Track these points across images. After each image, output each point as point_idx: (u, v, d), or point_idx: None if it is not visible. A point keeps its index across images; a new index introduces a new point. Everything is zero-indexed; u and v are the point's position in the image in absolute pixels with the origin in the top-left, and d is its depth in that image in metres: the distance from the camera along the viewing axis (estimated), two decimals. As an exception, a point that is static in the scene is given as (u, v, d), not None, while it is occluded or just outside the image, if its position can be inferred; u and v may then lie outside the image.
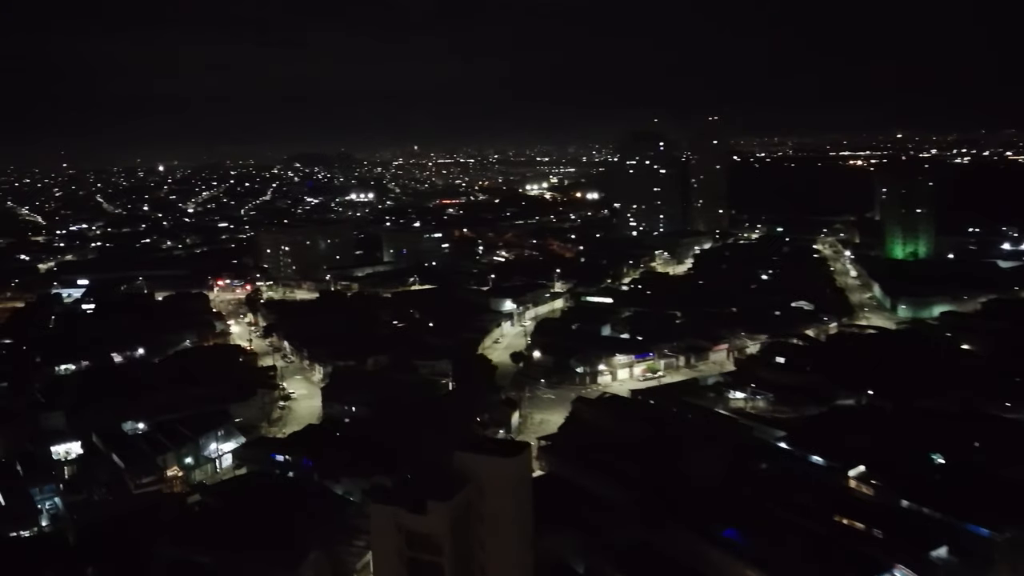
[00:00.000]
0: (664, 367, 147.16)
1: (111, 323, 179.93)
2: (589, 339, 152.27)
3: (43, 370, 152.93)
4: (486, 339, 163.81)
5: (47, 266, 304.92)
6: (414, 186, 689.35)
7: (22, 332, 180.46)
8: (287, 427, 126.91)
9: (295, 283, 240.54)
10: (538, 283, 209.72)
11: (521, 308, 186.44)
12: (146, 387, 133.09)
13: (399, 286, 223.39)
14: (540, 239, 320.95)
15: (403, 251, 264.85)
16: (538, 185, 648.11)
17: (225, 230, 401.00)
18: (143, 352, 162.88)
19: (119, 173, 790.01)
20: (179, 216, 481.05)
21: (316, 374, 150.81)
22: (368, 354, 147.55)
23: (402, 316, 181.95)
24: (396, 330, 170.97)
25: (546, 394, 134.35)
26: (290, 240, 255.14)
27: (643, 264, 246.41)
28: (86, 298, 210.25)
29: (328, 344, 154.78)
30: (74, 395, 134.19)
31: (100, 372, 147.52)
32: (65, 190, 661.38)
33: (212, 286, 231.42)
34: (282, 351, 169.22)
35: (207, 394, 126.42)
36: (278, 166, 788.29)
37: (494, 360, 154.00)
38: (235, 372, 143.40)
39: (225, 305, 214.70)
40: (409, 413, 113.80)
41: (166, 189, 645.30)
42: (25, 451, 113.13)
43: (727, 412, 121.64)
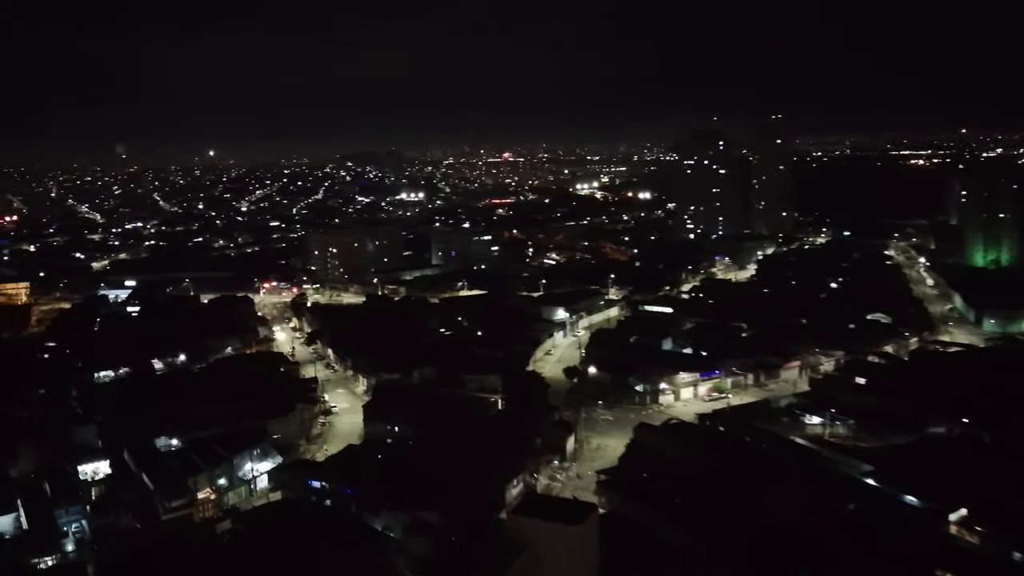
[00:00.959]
0: (731, 386, 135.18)
1: (154, 327, 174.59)
2: (649, 354, 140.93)
3: (83, 377, 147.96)
4: (537, 350, 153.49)
5: (101, 264, 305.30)
6: (464, 185, 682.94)
7: (66, 335, 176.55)
8: (327, 444, 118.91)
9: (342, 286, 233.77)
10: (591, 289, 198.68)
11: (574, 317, 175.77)
12: (184, 399, 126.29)
13: (447, 291, 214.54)
14: (592, 241, 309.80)
15: (452, 253, 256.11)
16: (588, 184, 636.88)
17: (276, 229, 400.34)
18: (184, 359, 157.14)
19: (176, 172, 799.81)
20: (232, 215, 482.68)
21: (360, 385, 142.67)
22: (414, 366, 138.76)
23: (450, 323, 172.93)
24: (443, 339, 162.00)
25: (603, 415, 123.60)
26: (338, 241, 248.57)
27: (703, 270, 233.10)
28: (131, 300, 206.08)
29: (373, 353, 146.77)
30: (110, 406, 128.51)
31: (139, 381, 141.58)
32: (124, 188, 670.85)
33: (258, 288, 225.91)
34: (325, 359, 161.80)
35: (245, 409, 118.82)
36: (331, 165, 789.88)
37: (546, 374, 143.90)
38: (276, 383, 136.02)
39: (270, 309, 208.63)
40: (456, 436, 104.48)
41: (221, 188, 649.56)
42: (54, 467, 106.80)
43: (804, 440, 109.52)
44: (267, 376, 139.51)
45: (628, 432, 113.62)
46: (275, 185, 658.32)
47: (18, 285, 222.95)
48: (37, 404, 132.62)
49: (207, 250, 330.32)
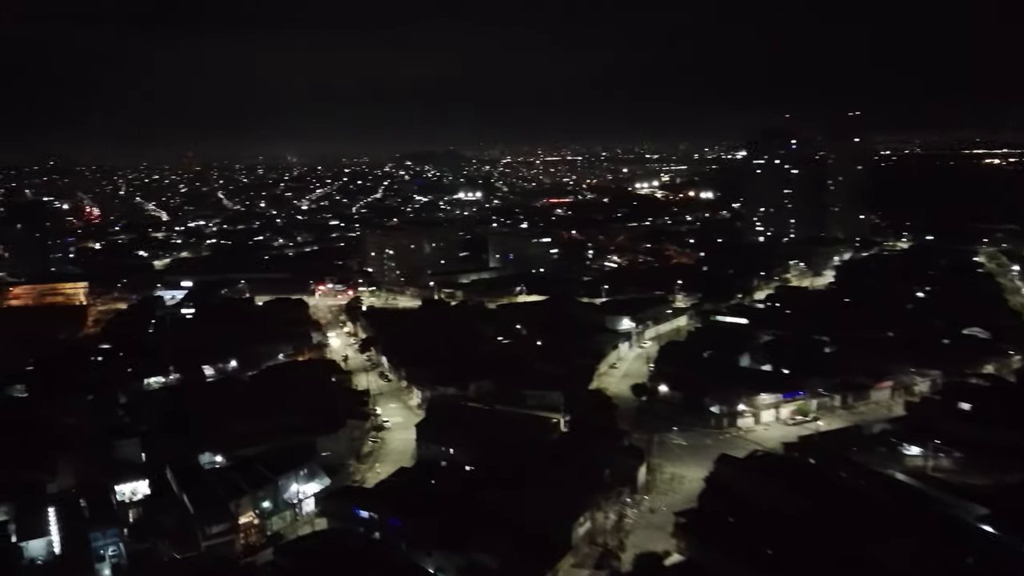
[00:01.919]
0: (816, 408, 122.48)
1: (207, 331, 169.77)
2: (725, 371, 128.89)
3: (132, 382, 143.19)
4: (601, 364, 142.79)
5: (162, 263, 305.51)
6: (521, 184, 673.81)
7: (121, 337, 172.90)
8: (378, 463, 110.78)
9: (398, 289, 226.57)
10: (658, 296, 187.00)
11: (640, 327, 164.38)
12: (231, 410, 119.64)
13: (505, 296, 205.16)
14: (655, 243, 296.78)
15: (509, 256, 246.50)
16: (648, 183, 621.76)
17: (335, 228, 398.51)
18: (235, 365, 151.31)
19: (240, 170, 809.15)
20: (293, 213, 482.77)
21: (414, 398, 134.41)
22: (471, 378, 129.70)
23: (508, 332, 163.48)
24: (501, 349, 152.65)
25: (676, 439, 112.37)
26: (394, 243, 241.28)
27: (776, 276, 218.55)
28: (186, 302, 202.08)
29: (428, 363, 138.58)
30: (156, 416, 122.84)
31: (188, 389, 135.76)
32: (190, 186, 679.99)
33: (314, 290, 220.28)
34: (379, 368, 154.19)
35: (293, 424, 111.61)
36: (390, 164, 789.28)
37: (611, 390, 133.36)
38: (327, 394, 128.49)
39: (325, 312, 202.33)
40: (516, 462, 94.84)
41: (283, 186, 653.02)
42: (94, 483, 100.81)
43: (905, 475, 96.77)
44: (318, 386, 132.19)
45: (704, 460, 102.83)
46: (335, 184, 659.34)
47: (76, 285, 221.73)
48: (84, 411, 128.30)
49: (266, 249, 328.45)
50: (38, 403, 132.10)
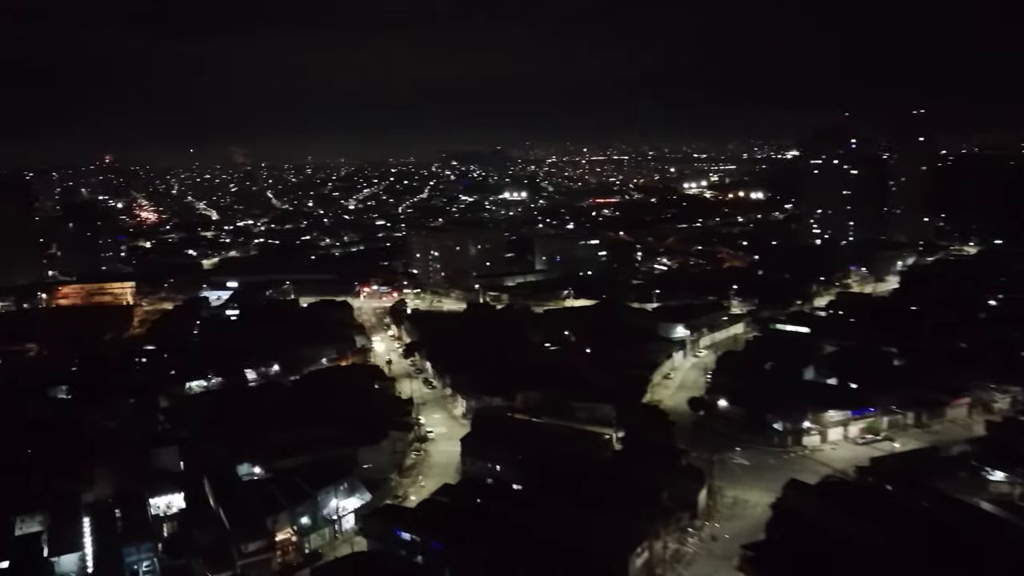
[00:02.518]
0: (887, 426, 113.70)
1: (251, 334, 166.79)
2: (788, 384, 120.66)
3: (174, 386, 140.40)
4: (655, 374, 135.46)
5: (211, 262, 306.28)
6: (567, 184, 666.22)
7: (165, 338, 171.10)
8: (421, 476, 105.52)
9: (443, 291, 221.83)
10: (712, 302, 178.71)
11: (694, 335, 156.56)
12: (271, 418, 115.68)
13: (552, 299, 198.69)
14: (706, 245, 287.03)
15: (556, 258, 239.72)
16: (696, 183, 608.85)
17: (381, 228, 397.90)
18: (278, 369, 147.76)
19: (289, 170, 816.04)
20: (340, 213, 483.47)
21: (458, 407, 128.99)
22: (518, 388, 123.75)
23: (556, 338, 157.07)
24: (549, 357, 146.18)
25: (737, 459, 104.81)
26: (440, 244, 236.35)
27: (836, 282, 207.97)
28: (231, 303, 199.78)
29: (473, 370, 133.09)
30: (196, 422, 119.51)
31: (229, 393, 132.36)
32: (240, 186, 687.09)
33: (359, 292, 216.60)
34: (423, 373, 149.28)
35: (333, 434, 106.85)
36: (436, 164, 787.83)
37: (666, 403, 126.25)
38: (369, 402, 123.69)
39: (370, 315, 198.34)
40: (567, 483, 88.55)
41: (330, 186, 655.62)
42: (131, 494, 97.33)
43: (991, 505, 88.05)
44: (360, 393, 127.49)
45: (768, 482, 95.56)
46: (382, 184, 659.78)
47: (124, 285, 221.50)
48: (125, 416, 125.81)
49: (313, 249, 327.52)
50: (80, 406, 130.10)
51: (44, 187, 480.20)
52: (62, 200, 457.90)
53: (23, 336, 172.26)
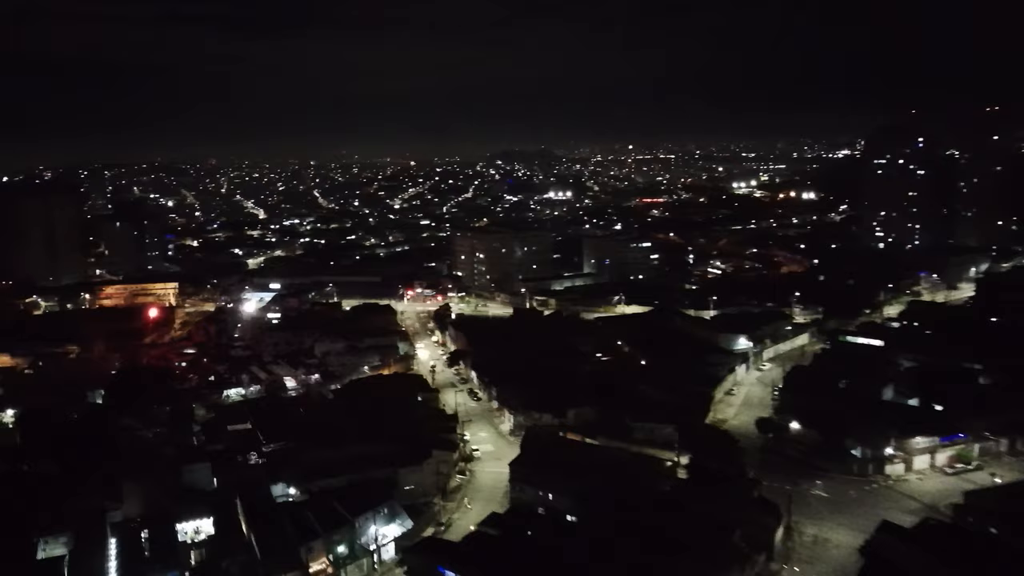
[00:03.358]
0: (979, 453, 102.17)
1: (292, 339, 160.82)
2: (865, 405, 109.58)
3: (212, 395, 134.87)
4: (716, 390, 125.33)
5: (257, 261, 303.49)
6: (613, 184, 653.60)
7: (206, 342, 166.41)
8: (467, 498, 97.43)
9: (488, 294, 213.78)
10: (775, 311, 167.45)
11: (757, 346, 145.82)
12: (310, 432, 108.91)
13: (602, 305, 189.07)
14: (760, 248, 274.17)
15: (605, 261, 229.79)
16: (746, 183, 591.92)
17: (426, 228, 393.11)
18: (319, 378, 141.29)
19: (336, 169, 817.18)
20: (385, 212, 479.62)
21: (506, 422, 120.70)
22: (569, 403, 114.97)
23: (608, 347, 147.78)
24: (602, 369, 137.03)
25: (814, 488, 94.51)
26: (485, 246, 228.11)
27: (907, 289, 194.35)
28: (273, 306, 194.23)
29: (521, 382, 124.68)
30: (232, 435, 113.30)
31: (266, 404, 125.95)
32: (288, 185, 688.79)
33: (403, 295, 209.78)
34: (468, 383, 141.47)
35: (373, 453, 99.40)
36: (481, 163, 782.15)
37: (730, 422, 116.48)
38: (412, 416, 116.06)
39: (414, 320, 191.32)
40: (627, 517, 79.54)
41: (376, 185, 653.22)
42: (159, 515, 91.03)
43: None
44: (403, 406, 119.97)
45: (851, 518, 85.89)
46: (427, 183, 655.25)
47: (167, 286, 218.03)
48: (160, 425, 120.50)
49: (358, 248, 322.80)
50: (116, 413, 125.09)
51: (96, 185, 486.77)
52: (113, 198, 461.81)
53: (65, 337, 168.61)
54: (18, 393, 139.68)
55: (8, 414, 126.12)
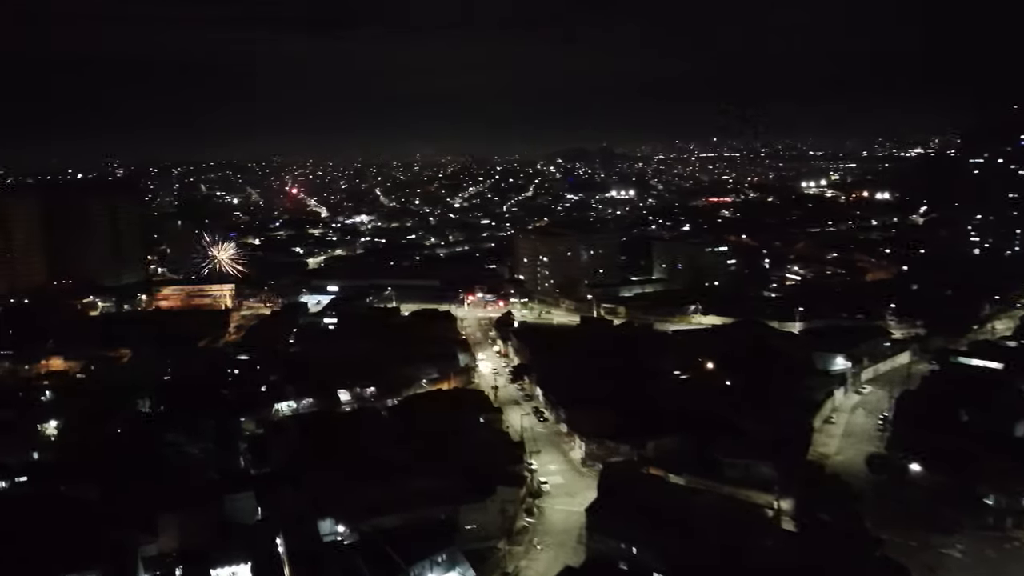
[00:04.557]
0: None
1: (347, 346, 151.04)
2: (997, 442, 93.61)
3: (263, 407, 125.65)
4: (815, 416, 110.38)
5: (317, 260, 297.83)
6: (677, 182, 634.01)
7: (260, 348, 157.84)
8: (535, 542, 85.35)
9: (552, 300, 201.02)
10: (870, 326, 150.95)
11: (855, 367, 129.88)
12: (363, 459, 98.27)
13: (676, 315, 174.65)
14: (842, 252, 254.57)
15: (677, 266, 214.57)
16: (815, 182, 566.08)
17: (486, 227, 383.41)
18: (374, 391, 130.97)
19: (398, 167, 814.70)
20: (445, 211, 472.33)
21: (576, 449, 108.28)
22: (648, 432, 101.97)
23: (687, 364, 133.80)
24: (682, 390, 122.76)
25: (944, 546, 79.43)
26: (548, 249, 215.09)
27: (1019, 302, 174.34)
28: (329, 310, 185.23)
29: (592, 402, 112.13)
30: (280, 457, 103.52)
31: (319, 422, 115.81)
32: (350, 183, 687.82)
33: (463, 300, 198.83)
34: (533, 401, 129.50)
35: (433, 487, 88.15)
36: (541, 162, 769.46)
37: (833, 457, 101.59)
38: (475, 439, 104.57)
39: (475, 328, 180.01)
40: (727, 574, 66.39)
41: (437, 184, 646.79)
42: (195, 551, 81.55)
43: None
44: (464, 428, 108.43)
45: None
46: (487, 182, 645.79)
47: (223, 287, 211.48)
48: (206, 439, 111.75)
49: (418, 248, 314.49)
50: (162, 425, 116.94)
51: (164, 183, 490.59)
52: (179, 196, 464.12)
53: (118, 340, 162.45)
54: (69, 398, 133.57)
55: (51, 426, 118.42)
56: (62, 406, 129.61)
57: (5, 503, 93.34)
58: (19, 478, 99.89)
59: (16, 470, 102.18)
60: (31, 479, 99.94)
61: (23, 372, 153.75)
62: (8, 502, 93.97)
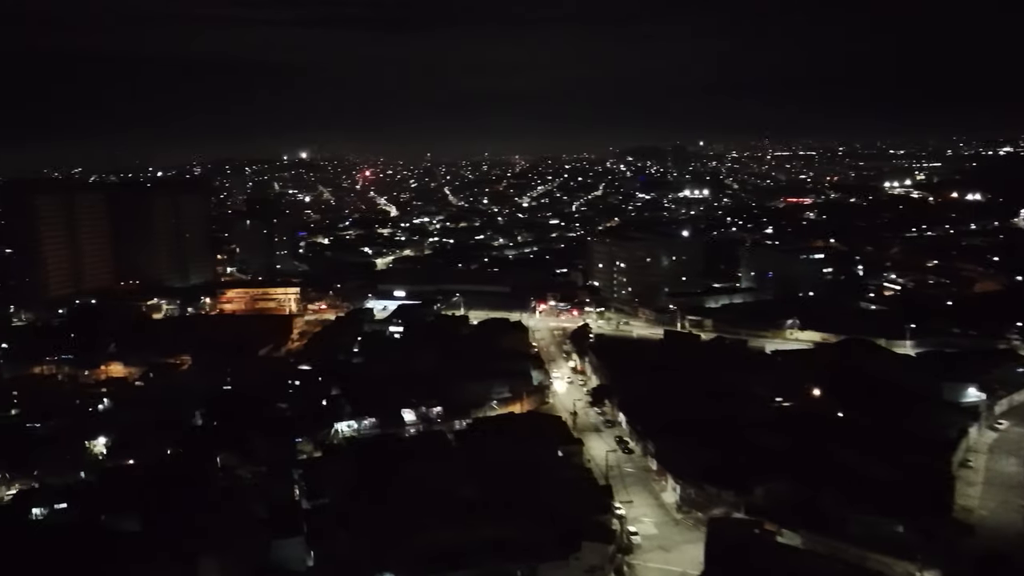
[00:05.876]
0: None
1: (413, 358, 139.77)
2: None
3: (321, 427, 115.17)
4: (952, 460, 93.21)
5: (385, 261, 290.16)
6: (753, 181, 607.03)
7: (323, 358, 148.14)
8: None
9: (630, 310, 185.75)
10: (1000, 349, 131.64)
11: (989, 398, 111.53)
12: (429, 493, 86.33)
13: (770, 330, 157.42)
14: (943, 259, 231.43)
15: (767, 274, 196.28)
16: (899, 182, 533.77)
17: (555, 227, 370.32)
18: (440, 411, 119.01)
19: (466, 166, 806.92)
20: (514, 210, 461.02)
21: (668, 490, 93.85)
22: (754, 474, 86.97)
23: (791, 390, 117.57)
24: (788, 422, 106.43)
25: None
26: (627, 254, 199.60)
27: None
28: (395, 318, 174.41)
29: (684, 434, 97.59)
30: (336, 489, 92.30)
31: (378, 448, 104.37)
32: (420, 182, 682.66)
33: (534, 308, 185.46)
34: (615, 427, 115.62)
35: (506, 537, 75.55)
36: (611, 160, 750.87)
37: (976, 511, 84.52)
38: (553, 477, 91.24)
39: (548, 339, 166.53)
40: None
41: (505, 183, 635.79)
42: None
43: None
44: (540, 462, 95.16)
45: None
46: (556, 181, 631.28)
47: (288, 291, 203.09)
48: (260, 461, 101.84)
49: (486, 249, 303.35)
50: (214, 443, 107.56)
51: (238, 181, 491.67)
52: (251, 194, 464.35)
53: (179, 346, 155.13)
54: (123, 410, 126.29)
55: (100, 443, 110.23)
56: (116, 417, 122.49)
57: (39, 536, 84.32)
58: (59, 504, 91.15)
59: (59, 494, 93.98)
60: (72, 505, 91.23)
61: (83, 378, 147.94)
62: (43, 534, 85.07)
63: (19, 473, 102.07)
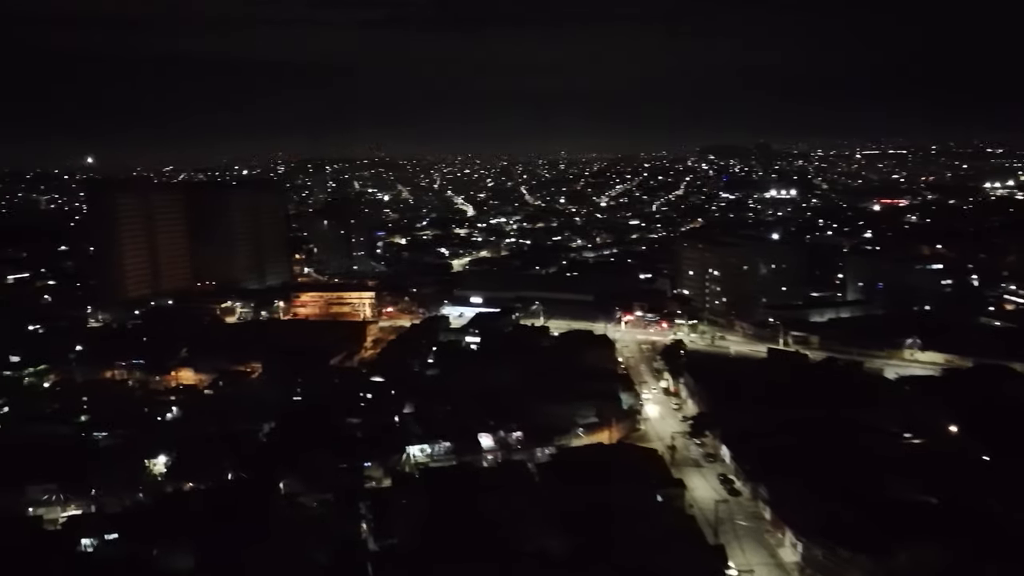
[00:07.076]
0: None
1: (491, 374, 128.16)
2: None
3: (393, 451, 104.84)
4: None
5: (461, 262, 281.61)
6: (843, 181, 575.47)
7: (396, 369, 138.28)
8: None
9: (725, 322, 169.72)
10: None
11: None
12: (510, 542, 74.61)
13: (885, 349, 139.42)
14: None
15: (878, 285, 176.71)
16: (1001, 183, 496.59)
17: (635, 228, 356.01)
18: (520, 437, 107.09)
19: (543, 165, 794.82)
20: (592, 210, 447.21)
21: (786, 545, 79.38)
22: (893, 532, 71.86)
23: (921, 424, 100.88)
24: (920, 463, 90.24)
25: None
26: (720, 261, 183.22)
27: None
28: (471, 328, 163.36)
29: (803, 477, 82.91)
30: (406, 529, 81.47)
31: (453, 480, 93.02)
32: (496, 180, 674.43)
33: (619, 319, 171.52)
34: (717, 462, 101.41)
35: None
36: (691, 158, 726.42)
37: None
38: (655, 528, 77.81)
39: (636, 356, 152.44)
40: None
41: (583, 182, 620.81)
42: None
43: None
44: (636, 506, 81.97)
45: None
46: (635, 179, 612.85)
47: (363, 295, 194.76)
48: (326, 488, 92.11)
49: (564, 251, 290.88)
50: (279, 462, 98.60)
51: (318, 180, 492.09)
52: (332, 194, 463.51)
53: (251, 352, 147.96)
54: (189, 420, 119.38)
55: (160, 462, 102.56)
56: (182, 430, 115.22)
57: (87, 572, 76.27)
58: (110, 534, 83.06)
59: (112, 521, 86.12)
60: (123, 535, 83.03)
61: (153, 383, 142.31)
62: (91, 570, 77.04)
63: (74, 493, 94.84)
